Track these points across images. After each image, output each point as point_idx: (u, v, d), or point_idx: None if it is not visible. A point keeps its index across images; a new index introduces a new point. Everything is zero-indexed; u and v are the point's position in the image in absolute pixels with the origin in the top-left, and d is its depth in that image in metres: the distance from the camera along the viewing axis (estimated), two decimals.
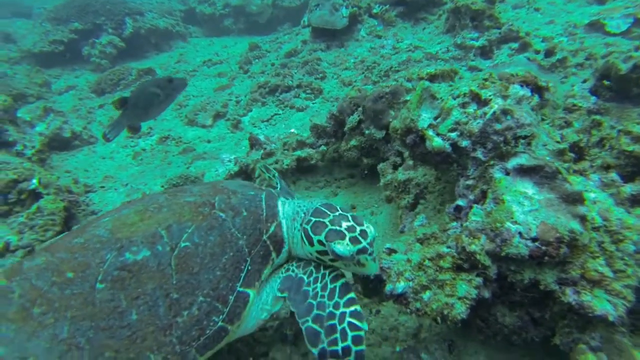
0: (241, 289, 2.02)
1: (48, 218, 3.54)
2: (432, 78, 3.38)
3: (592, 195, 2.16)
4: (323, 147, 4.00)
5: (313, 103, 5.67)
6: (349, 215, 2.07)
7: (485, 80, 2.36)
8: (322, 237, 2.02)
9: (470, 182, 2.25)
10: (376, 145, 3.59)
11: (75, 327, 1.84)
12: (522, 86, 2.34)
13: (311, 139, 4.09)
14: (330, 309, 1.96)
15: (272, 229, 2.20)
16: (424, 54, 5.53)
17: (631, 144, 2.42)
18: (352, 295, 1.97)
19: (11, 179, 3.69)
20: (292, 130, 4.67)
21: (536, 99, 2.37)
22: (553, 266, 2.01)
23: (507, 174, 2.14)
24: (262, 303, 2.14)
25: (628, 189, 2.33)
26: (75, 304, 1.90)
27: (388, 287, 2.19)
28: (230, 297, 2.00)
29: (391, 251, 2.44)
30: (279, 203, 2.33)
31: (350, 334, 1.87)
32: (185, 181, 4.10)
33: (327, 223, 2.05)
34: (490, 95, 2.23)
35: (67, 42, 9.71)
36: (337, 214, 2.09)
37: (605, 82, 3.37)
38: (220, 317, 1.95)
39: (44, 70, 9.38)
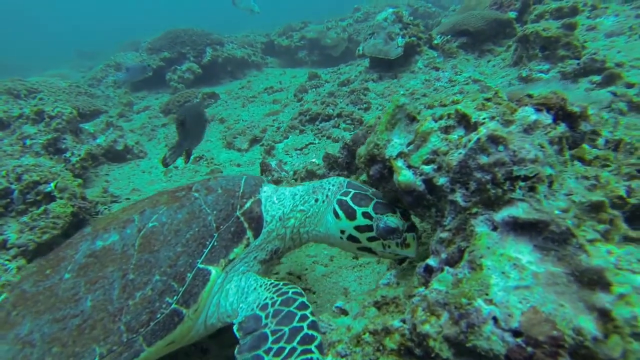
0: (202, 266, 1.76)
1: (50, 221, 3.60)
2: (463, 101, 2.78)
3: (639, 279, 1.38)
4: None
5: (351, 134, 5.26)
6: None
7: (488, 100, 1.75)
8: (369, 209, 1.83)
9: (445, 234, 1.63)
10: None
11: (35, 322, 1.75)
12: (538, 110, 1.69)
13: (322, 170, 3.68)
14: None
15: (247, 204, 1.96)
16: (480, 87, 4.83)
17: None
18: None
19: (33, 180, 3.86)
20: (314, 160, 4.30)
21: (561, 128, 1.69)
22: None
23: (495, 228, 1.50)
24: (228, 296, 1.82)
25: None
26: (43, 298, 1.83)
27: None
28: (189, 274, 1.73)
29: (342, 312, 1.88)
30: (265, 186, 2.12)
31: None
32: None
33: (372, 196, 1.88)
34: (483, 118, 1.62)
35: (155, 68, 10.77)
36: (373, 190, 1.95)
37: None
38: (175, 297, 1.69)
39: (131, 93, 10.49)
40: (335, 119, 5.50)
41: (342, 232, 1.88)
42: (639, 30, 4.96)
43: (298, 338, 1.53)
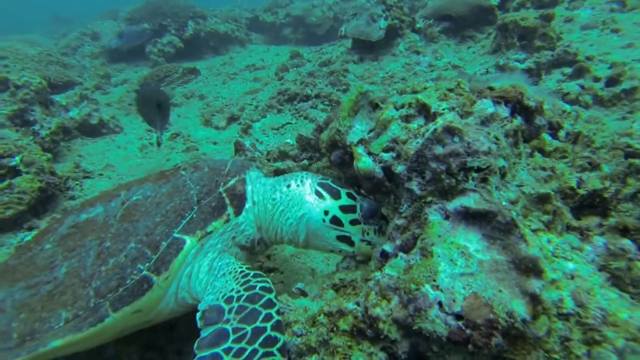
0: (177, 235, 1.76)
1: (15, 196, 3.52)
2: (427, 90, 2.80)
3: (570, 265, 1.48)
4: (305, 162, 3.57)
5: (328, 115, 5.26)
6: None
7: (450, 90, 1.79)
8: (352, 191, 1.90)
9: (401, 221, 1.68)
10: None
11: (10, 290, 1.75)
12: (496, 103, 1.73)
13: (295, 151, 3.67)
14: None
15: (231, 182, 1.97)
16: (458, 74, 4.87)
17: None
18: None
19: None
20: (288, 141, 4.30)
21: (517, 122, 1.74)
22: (489, 359, 1.38)
23: (447, 217, 1.56)
24: (200, 272, 1.81)
25: None
26: (21, 267, 1.84)
27: None
28: (164, 242, 1.74)
29: (301, 293, 1.94)
30: (253, 170, 2.14)
31: None
32: None
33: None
34: (443, 109, 1.66)
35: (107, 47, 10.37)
36: None
37: None
38: (147, 264, 1.68)
39: (109, 64, 10.13)
40: (314, 99, 5.48)
41: (326, 212, 1.86)
42: (611, 24, 5.05)
43: (260, 339, 1.48)
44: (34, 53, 8.60)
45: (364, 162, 1.72)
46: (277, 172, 3.62)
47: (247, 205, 1.97)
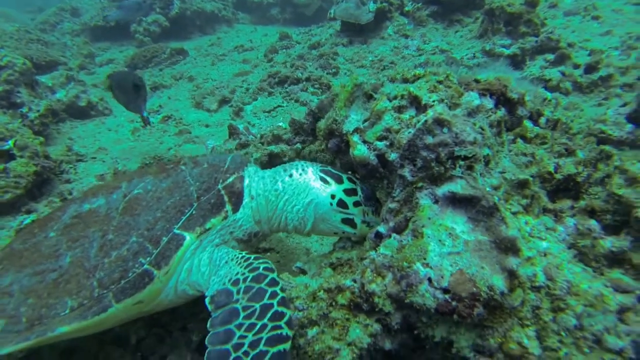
0: (177, 231, 1.84)
1: (12, 180, 3.55)
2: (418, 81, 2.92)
3: (544, 244, 1.66)
4: (298, 145, 3.67)
5: (319, 98, 5.34)
6: None
7: (440, 82, 1.92)
8: (350, 175, 2.06)
9: (394, 205, 1.83)
10: None
11: (16, 275, 1.83)
12: (482, 95, 1.87)
13: (288, 135, 3.77)
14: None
15: (230, 179, 2.04)
16: (445, 58, 4.98)
17: (623, 187, 1.86)
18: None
19: None
20: (280, 124, 4.38)
21: (501, 113, 1.88)
22: (471, 327, 1.56)
23: (436, 201, 1.71)
24: (201, 265, 1.90)
25: (608, 243, 1.79)
26: (27, 253, 1.91)
27: None
28: (164, 238, 1.82)
29: (301, 271, 2.10)
30: (251, 166, 2.20)
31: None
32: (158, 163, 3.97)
33: None
34: (433, 101, 1.79)
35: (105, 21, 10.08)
36: None
37: None
38: (148, 258, 1.77)
39: (92, 43, 9.88)
40: (304, 82, 5.53)
41: (333, 196, 1.97)
42: (592, 11, 5.21)
43: (269, 315, 1.59)
44: (12, 30, 8.33)
45: (359, 150, 1.85)
46: (271, 156, 3.73)
47: (244, 202, 2.03)
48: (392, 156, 1.80)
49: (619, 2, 5.38)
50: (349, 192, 1.96)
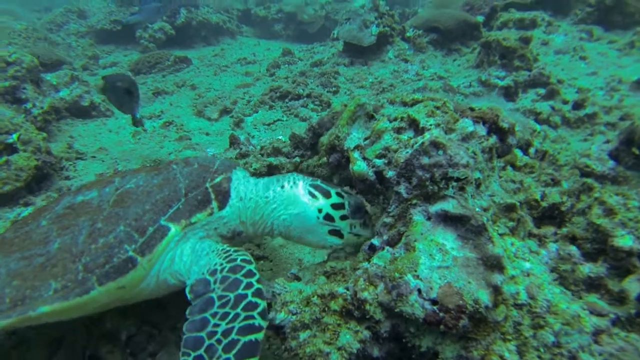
0: (164, 222, 1.91)
1: (13, 173, 3.59)
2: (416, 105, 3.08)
3: (527, 265, 1.77)
4: (297, 159, 3.79)
5: (318, 115, 5.49)
6: None
7: (437, 108, 2.06)
8: (339, 190, 2.11)
9: (388, 219, 1.94)
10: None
11: (5, 259, 1.88)
12: (476, 122, 2.01)
13: (287, 148, 3.89)
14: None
15: (218, 179, 2.13)
16: (443, 85, 5.19)
17: (602, 217, 1.99)
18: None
19: None
20: (280, 137, 4.50)
21: (492, 140, 2.02)
22: (456, 339, 1.65)
23: (429, 218, 1.82)
24: (183, 255, 1.97)
25: (586, 269, 1.92)
26: (18, 240, 1.97)
27: (270, 315, 1.92)
28: (151, 228, 1.89)
29: (295, 278, 2.18)
30: (239, 170, 2.29)
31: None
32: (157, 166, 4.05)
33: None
34: (430, 125, 1.92)
35: (125, 23, 10.30)
36: None
37: (636, 151, 2.90)
38: (133, 246, 1.84)
39: (97, 45, 10.01)
40: (305, 98, 5.69)
41: (320, 210, 2.06)
42: (580, 52, 5.51)
43: (242, 304, 1.67)
44: (20, 28, 8.43)
45: (358, 166, 1.97)
46: (270, 167, 3.83)
47: (231, 201, 2.12)
48: (390, 173, 1.92)
49: (604, 47, 5.71)
50: (336, 207, 2.04)
